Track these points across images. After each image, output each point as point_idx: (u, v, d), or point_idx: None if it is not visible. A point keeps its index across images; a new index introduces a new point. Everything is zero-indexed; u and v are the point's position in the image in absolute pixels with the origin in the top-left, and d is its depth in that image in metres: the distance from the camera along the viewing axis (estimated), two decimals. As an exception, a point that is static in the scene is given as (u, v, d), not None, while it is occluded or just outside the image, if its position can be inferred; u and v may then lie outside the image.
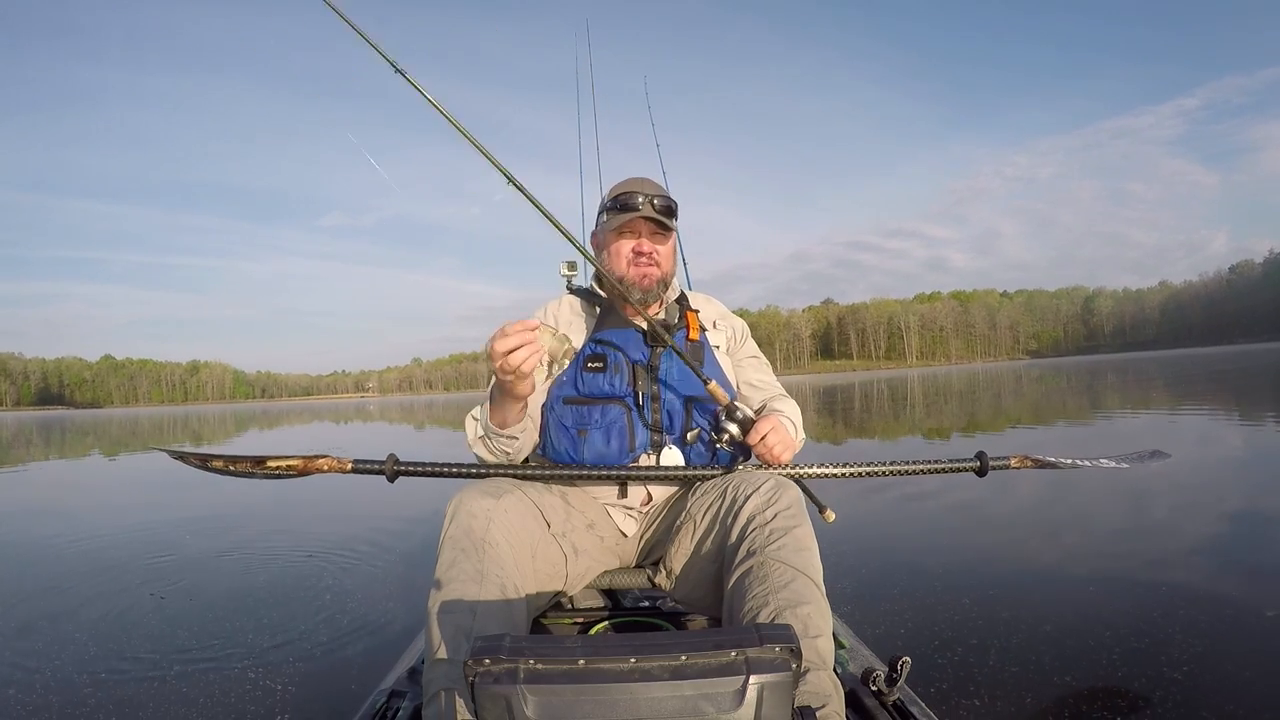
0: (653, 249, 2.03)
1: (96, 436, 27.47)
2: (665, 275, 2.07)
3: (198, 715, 2.65)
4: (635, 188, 2.04)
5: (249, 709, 2.68)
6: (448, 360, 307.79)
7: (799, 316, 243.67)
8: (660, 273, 2.04)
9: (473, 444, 1.88)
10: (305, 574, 4.62)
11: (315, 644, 3.32)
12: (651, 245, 2.03)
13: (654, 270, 2.03)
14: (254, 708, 2.69)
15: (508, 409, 1.75)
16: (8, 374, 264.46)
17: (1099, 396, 19.90)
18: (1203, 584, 3.54)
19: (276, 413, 62.31)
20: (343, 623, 3.60)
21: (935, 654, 2.90)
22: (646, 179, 2.12)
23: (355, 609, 3.82)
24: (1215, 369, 32.97)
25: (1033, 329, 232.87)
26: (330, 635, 3.43)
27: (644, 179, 2.12)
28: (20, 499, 10.23)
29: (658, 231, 2.04)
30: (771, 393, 2.18)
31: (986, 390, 27.91)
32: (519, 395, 1.69)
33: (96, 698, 2.83)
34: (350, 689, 2.76)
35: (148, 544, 5.80)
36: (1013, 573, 4.03)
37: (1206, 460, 7.42)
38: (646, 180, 2.11)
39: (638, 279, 2.01)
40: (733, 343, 2.22)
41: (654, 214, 2.00)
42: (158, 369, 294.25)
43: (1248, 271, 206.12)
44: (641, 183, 2.08)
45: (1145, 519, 5.11)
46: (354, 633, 3.45)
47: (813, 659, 1.38)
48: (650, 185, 2.08)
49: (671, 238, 2.10)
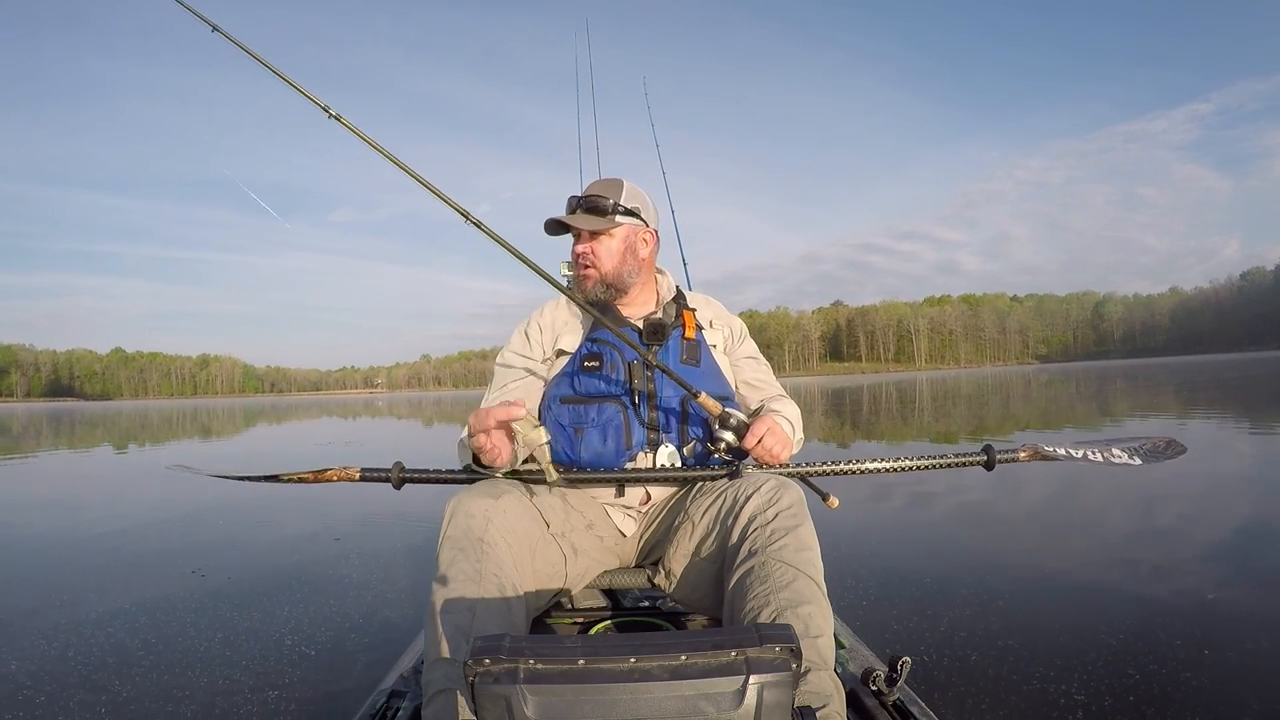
0: (586, 249, 2.01)
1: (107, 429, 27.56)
2: (605, 275, 2.02)
3: (197, 715, 2.66)
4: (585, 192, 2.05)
5: (249, 708, 2.68)
6: (457, 357, 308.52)
7: (808, 318, 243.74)
8: (598, 274, 2.01)
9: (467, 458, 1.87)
10: (305, 574, 4.63)
11: (315, 644, 3.32)
12: (586, 246, 2.02)
13: (591, 272, 2.01)
14: (254, 707, 2.69)
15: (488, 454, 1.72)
16: (19, 365, 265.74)
17: (1108, 402, 19.81)
18: (1206, 589, 3.52)
19: (286, 407, 62.51)
20: (343, 623, 3.60)
21: (935, 654, 2.90)
22: (606, 180, 2.10)
23: (355, 609, 3.82)
24: (1225, 376, 32.83)
25: (1042, 333, 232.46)
26: (330, 635, 3.43)
27: (603, 181, 2.10)
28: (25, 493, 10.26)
29: (589, 231, 2.01)
30: (770, 392, 2.18)
31: (995, 394, 27.85)
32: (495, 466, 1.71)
33: (96, 697, 2.83)
34: (350, 689, 2.77)
35: (148, 543, 5.83)
36: (1014, 574, 4.02)
37: (1215, 466, 7.37)
38: (600, 182, 2.10)
39: (579, 282, 2.03)
40: (730, 342, 2.21)
41: (581, 219, 2.00)
42: (168, 362, 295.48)
43: (1259, 278, 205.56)
44: (592, 185, 2.08)
45: (1149, 522, 5.09)
46: (354, 633, 3.46)
47: (813, 659, 1.37)
48: (599, 186, 2.07)
49: (611, 236, 2.03)
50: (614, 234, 2.03)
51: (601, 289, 2.03)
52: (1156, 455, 2.18)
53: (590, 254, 2.01)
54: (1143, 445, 2.19)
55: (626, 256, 2.04)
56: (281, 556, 5.17)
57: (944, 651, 2.92)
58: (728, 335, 2.21)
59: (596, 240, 2.02)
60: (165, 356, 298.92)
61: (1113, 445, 2.17)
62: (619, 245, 2.04)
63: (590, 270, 2.01)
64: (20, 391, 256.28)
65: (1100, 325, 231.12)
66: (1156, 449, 2.20)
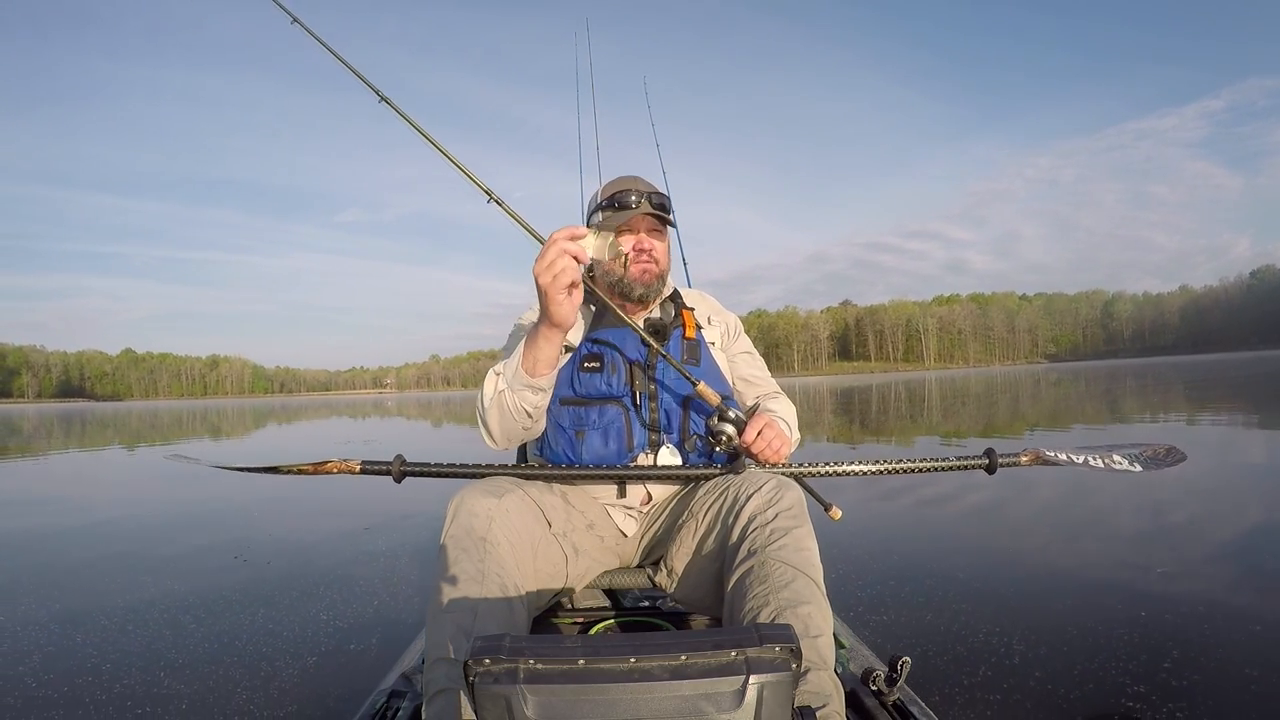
0: (652, 245, 2.02)
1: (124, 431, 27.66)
2: (663, 271, 2.06)
3: (197, 714, 2.67)
4: (629, 185, 2.04)
5: (249, 708, 2.69)
6: (466, 357, 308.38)
7: (817, 317, 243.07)
8: (659, 269, 2.03)
9: (488, 405, 1.77)
10: (306, 574, 4.64)
11: (315, 644, 3.33)
12: (650, 241, 2.02)
13: (653, 267, 2.01)
14: (254, 707, 2.70)
15: (542, 347, 1.65)
16: (30, 366, 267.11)
17: (1118, 402, 19.71)
18: (1208, 590, 3.51)
19: (295, 407, 62.60)
20: (343, 623, 3.61)
21: (935, 654, 2.90)
22: (639, 177, 2.11)
23: (356, 609, 3.83)
24: (1235, 375, 32.63)
25: (1051, 332, 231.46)
26: (330, 635, 3.44)
27: (636, 177, 2.11)
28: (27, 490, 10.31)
29: (655, 228, 2.04)
30: (765, 389, 2.19)
31: (1004, 394, 27.71)
32: (559, 321, 1.58)
33: (94, 697, 2.84)
34: (350, 689, 2.77)
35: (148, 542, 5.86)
36: (1014, 574, 4.01)
37: (1222, 466, 7.34)
38: (639, 178, 2.11)
39: (638, 275, 2.00)
40: (726, 338, 2.22)
41: (651, 210, 2.00)
42: (178, 363, 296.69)
43: (1270, 276, 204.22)
44: (635, 180, 2.08)
45: (1152, 523, 5.07)
46: (354, 632, 3.46)
47: (813, 659, 1.37)
48: (644, 183, 2.08)
49: (668, 235, 2.10)
50: (666, 234, 2.08)
51: (660, 285, 2.06)
52: (1157, 462, 2.20)
53: (656, 250, 2.03)
54: (1143, 452, 2.21)
55: (669, 256, 2.11)
56: (281, 556, 5.19)
57: (944, 651, 2.92)
58: (724, 331, 2.22)
59: (662, 238, 2.06)
60: (175, 357, 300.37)
61: (1113, 451, 2.18)
62: (668, 245, 2.11)
63: (653, 265, 2.02)
64: (31, 392, 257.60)
65: (1109, 324, 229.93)
66: (1157, 456, 2.22)
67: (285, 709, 2.68)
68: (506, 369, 1.73)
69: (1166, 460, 2.21)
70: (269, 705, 2.71)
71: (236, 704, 2.73)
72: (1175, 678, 2.59)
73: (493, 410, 1.77)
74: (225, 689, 2.86)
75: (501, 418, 1.76)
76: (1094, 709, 2.41)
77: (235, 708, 2.70)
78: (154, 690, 2.88)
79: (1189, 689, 2.51)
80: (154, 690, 2.88)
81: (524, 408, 1.73)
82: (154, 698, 2.81)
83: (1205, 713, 2.35)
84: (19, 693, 2.91)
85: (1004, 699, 2.51)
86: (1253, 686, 2.51)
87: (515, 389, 1.71)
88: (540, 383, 1.70)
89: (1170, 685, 2.54)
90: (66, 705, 2.78)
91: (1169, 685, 2.54)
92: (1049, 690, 2.56)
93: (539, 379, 1.69)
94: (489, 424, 1.81)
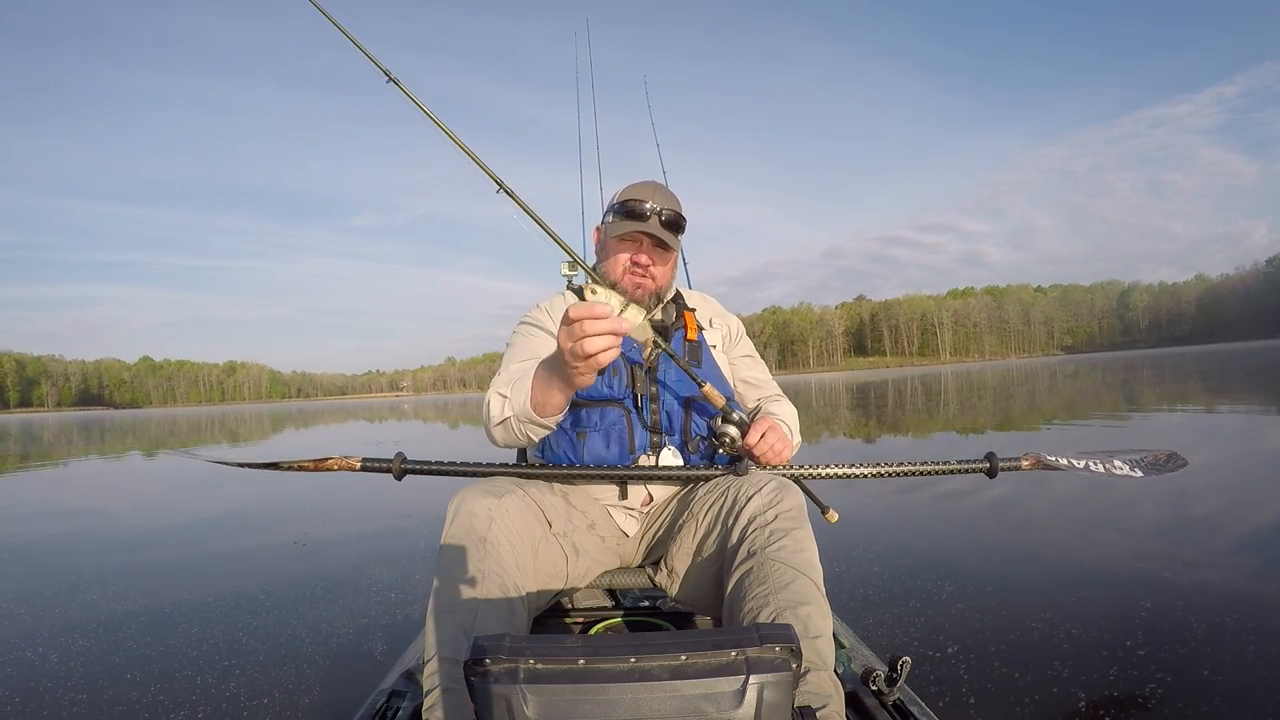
0: (651, 262, 1.99)
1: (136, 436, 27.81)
2: (660, 288, 2.03)
3: (197, 714, 2.68)
4: (647, 196, 1.98)
5: (249, 708, 2.70)
6: (481, 359, 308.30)
7: (832, 313, 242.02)
8: (655, 285, 2.01)
9: (493, 424, 1.71)
10: (306, 574, 4.67)
11: (315, 644, 3.35)
12: (650, 259, 1.99)
13: (648, 282, 1.99)
14: (254, 707, 2.71)
15: (554, 395, 1.55)
16: (49, 376, 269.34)
17: (1134, 393, 19.52)
18: (1209, 590, 3.46)
19: (313, 412, 62.76)
20: (343, 622, 3.62)
21: (935, 654, 2.89)
22: (660, 186, 2.04)
23: (356, 608, 3.84)
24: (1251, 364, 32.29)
25: (1067, 324, 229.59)
26: (331, 635, 3.46)
27: (657, 186, 2.04)
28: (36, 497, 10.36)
29: (659, 246, 1.99)
30: (767, 391, 2.19)
31: (1020, 386, 27.48)
32: (579, 385, 1.48)
33: (93, 697, 2.87)
34: (350, 689, 2.77)
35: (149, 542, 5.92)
36: (1014, 574, 3.98)
37: (1230, 461, 7.25)
38: (660, 188, 2.03)
39: (631, 288, 1.98)
40: (728, 341, 2.21)
41: (659, 230, 1.96)
42: (195, 370, 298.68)
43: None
44: (654, 190, 2.01)
45: (1153, 522, 5.00)
46: (354, 633, 3.47)
47: (813, 659, 1.38)
48: (663, 195, 2.01)
49: (673, 254, 2.05)
50: (672, 254, 2.05)
51: (653, 302, 2.03)
52: (1157, 468, 2.22)
53: (654, 266, 2.00)
54: (1144, 458, 2.24)
55: (673, 273, 2.09)
56: (281, 555, 5.23)
57: (944, 651, 2.91)
58: (726, 334, 2.22)
59: (666, 258, 2.03)
60: (192, 364, 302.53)
61: (1114, 456, 2.20)
62: (673, 265, 2.07)
63: (648, 281, 2.00)
64: (51, 401, 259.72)
65: (1125, 315, 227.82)
66: (1158, 462, 2.24)
67: (286, 708, 2.69)
68: (514, 397, 1.64)
69: (1167, 466, 2.23)
70: (269, 705, 2.73)
71: (237, 704, 2.75)
72: (1175, 678, 2.57)
73: (497, 431, 1.73)
74: (224, 689, 2.88)
75: (506, 436, 1.74)
76: (1094, 708, 2.40)
77: (236, 707, 2.72)
78: (154, 690, 2.90)
79: (1189, 689, 2.49)
80: (154, 690, 2.90)
81: (529, 435, 1.70)
82: (154, 698, 2.83)
83: (1205, 713, 2.34)
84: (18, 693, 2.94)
85: (1004, 699, 2.50)
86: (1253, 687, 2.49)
87: (521, 420, 1.65)
88: (548, 422, 1.65)
89: (1171, 685, 2.52)
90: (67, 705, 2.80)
91: (1169, 685, 2.52)
92: (1049, 690, 2.54)
93: (547, 419, 1.63)
94: (493, 437, 1.78)
